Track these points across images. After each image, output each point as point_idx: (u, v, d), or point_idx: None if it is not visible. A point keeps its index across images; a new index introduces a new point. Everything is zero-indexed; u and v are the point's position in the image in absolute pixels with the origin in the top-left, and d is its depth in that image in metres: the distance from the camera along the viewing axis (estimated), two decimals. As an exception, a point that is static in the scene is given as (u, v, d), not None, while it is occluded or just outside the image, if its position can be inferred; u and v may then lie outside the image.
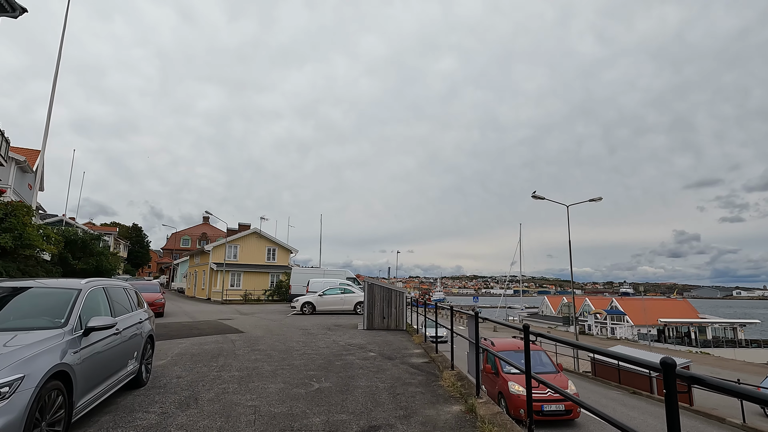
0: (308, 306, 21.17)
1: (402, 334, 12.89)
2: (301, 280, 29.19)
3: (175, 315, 19.97)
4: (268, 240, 40.99)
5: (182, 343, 10.53)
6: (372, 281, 14.52)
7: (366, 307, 14.29)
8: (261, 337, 11.69)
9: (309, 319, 18.34)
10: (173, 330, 13.69)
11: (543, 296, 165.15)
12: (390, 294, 14.45)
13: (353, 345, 10.44)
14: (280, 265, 40.32)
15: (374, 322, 14.28)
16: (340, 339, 11.59)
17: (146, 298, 19.20)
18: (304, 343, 10.57)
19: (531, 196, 21.17)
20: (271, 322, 16.90)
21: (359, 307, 21.46)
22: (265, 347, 9.85)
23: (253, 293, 36.11)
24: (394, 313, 14.42)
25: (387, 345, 10.50)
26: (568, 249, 21.57)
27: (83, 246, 18.04)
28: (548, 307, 72.56)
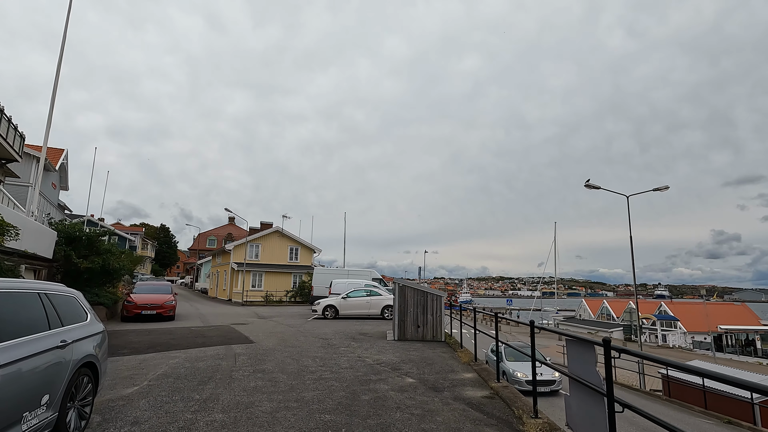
0: (330, 310, 19.12)
1: (441, 348, 10.57)
2: (323, 280, 27.24)
3: (188, 318, 18.35)
4: (290, 239, 39.42)
5: (175, 358, 8.59)
6: (404, 283, 12.27)
7: (397, 313, 12.04)
8: (271, 351, 9.63)
9: (331, 324, 16.26)
10: (175, 338, 11.87)
11: (580, 299, 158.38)
12: (425, 298, 12.15)
13: (384, 364, 8.20)
14: (302, 265, 38.65)
15: (406, 331, 12.02)
16: (366, 354, 9.38)
17: (155, 299, 17.75)
18: (321, 361, 8.42)
19: (584, 185, 18.46)
20: (287, 328, 14.91)
21: (387, 312, 19.25)
22: (273, 366, 7.75)
23: (274, 294, 34.53)
24: (430, 321, 12.10)
25: (427, 365, 8.21)
26: (629, 246, 18.66)
27: (88, 243, 16.60)
28: (586, 310, 68.16)
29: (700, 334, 44.10)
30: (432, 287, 13.29)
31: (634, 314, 23.83)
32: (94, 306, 16.26)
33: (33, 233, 12.92)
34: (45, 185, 30.08)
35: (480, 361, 8.38)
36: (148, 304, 16.42)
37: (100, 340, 4.77)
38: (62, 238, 16.09)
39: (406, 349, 10.17)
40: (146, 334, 12.77)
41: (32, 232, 12.83)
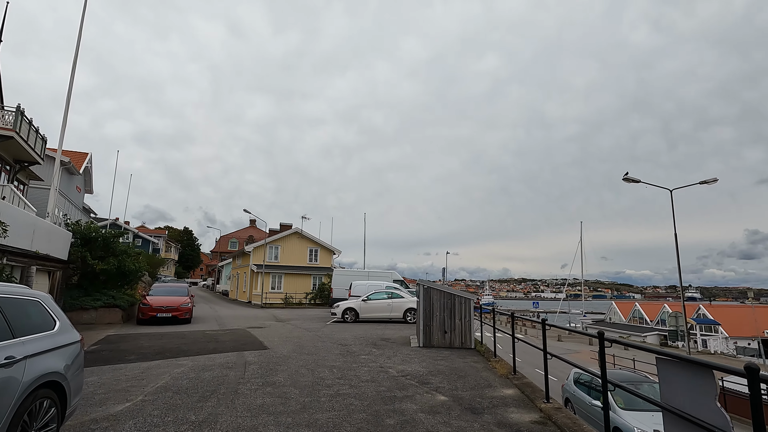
0: (350, 313, 18.26)
1: (472, 356, 9.52)
2: (343, 282, 26.45)
3: (204, 321, 17.83)
4: (310, 240, 38.89)
5: (181, 366, 7.86)
6: (429, 285, 11.27)
7: (422, 317, 11.05)
8: (285, 358, 8.80)
9: (351, 328, 15.39)
10: (187, 343, 11.21)
11: (605, 301, 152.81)
12: (453, 301, 11.12)
13: (409, 376, 7.24)
14: (322, 267, 38.04)
15: (432, 337, 11.01)
16: (389, 364, 8.44)
17: (171, 302, 17.27)
18: (339, 372, 7.52)
19: (622, 178, 17.06)
20: (305, 332, 14.11)
21: (410, 315, 18.26)
22: (285, 378, 6.90)
23: (294, 296, 34.00)
24: (458, 326, 11.05)
25: (459, 377, 7.20)
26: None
27: (104, 244, 16.27)
28: (617, 313, 65.22)
29: (744, 339, 41.19)
30: (453, 289, 12.26)
31: (681, 318, 22.06)
32: (110, 308, 15.94)
33: (45, 234, 12.56)
34: (70, 189, 30.42)
35: (520, 375, 7.30)
36: (164, 306, 15.94)
37: (72, 353, 3.99)
38: (78, 239, 15.82)
39: (433, 358, 9.17)
40: (158, 338, 12.19)
41: (44, 233, 12.48)
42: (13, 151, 19.31)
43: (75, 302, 14.93)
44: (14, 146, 18.54)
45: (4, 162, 19.67)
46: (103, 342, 11.40)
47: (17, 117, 17.84)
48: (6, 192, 12.44)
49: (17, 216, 10.53)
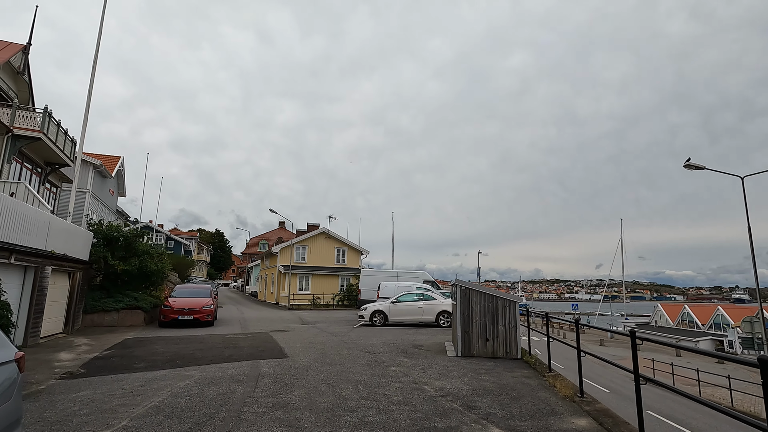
0: (379, 315, 17.10)
1: (521, 369, 8.11)
2: (371, 283, 25.36)
3: (228, 324, 17.15)
4: (337, 240, 38.11)
5: (187, 379, 6.92)
6: (467, 285, 9.92)
7: (459, 322, 9.72)
8: (304, 370, 7.72)
9: (379, 333, 14.22)
10: (203, 349, 10.37)
11: (644, 303, 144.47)
12: (494, 304, 9.72)
13: (450, 396, 5.96)
14: (350, 268, 37.16)
15: (472, 345, 9.65)
16: (425, 378, 7.18)
17: (193, 304, 16.65)
18: (366, 389, 6.34)
19: (683, 165, 15.07)
20: (330, 337, 13.05)
21: (443, 318, 16.91)
22: (301, 397, 5.78)
23: (321, 298, 33.25)
24: (501, 333, 9.65)
25: (512, 399, 5.86)
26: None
27: (126, 245, 15.85)
28: (663, 316, 60.94)
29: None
30: (495, 290, 10.86)
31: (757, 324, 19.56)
32: (132, 310, 15.48)
33: (62, 233, 12.10)
34: (103, 191, 30.87)
35: (590, 397, 5.86)
36: (185, 308, 15.32)
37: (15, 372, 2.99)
38: (100, 239, 15.45)
39: (475, 371, 7.83)
40: (175, 342, 11.45)
41: (60, 232, 12.01)
42: (42, 153, 19.37)
43: (96, 304, 14.52)
44: (43, 148, 18.55)
45: (34, 164, 19.79)
46: (118, 347, 10.75)
47: (45, 118, 17.78)
48: (20, 189, 12.08)
49: (27, 213, 10.01)
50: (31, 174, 19.70)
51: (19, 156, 18.26)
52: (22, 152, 18.35)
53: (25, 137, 17.21)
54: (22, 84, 20.46)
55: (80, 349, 10.34)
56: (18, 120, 17.13)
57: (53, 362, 8.68)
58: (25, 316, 10.33)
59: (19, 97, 20.39)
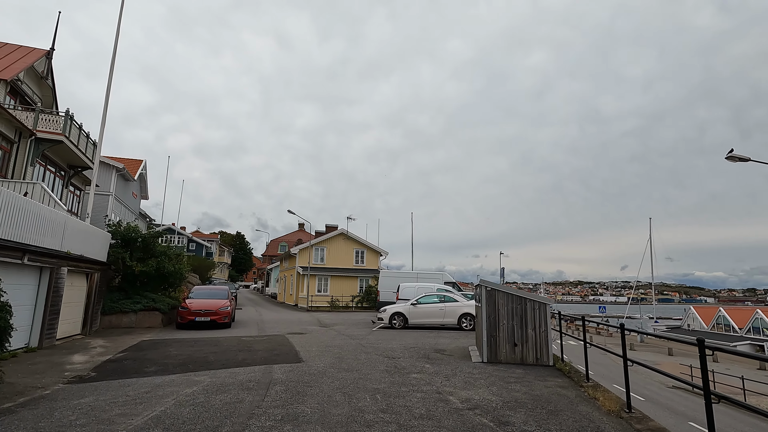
0: (398, 318, 16.52)
1: (555, 378, 7.40)
2: (390, 285, 24.81)
3: (245, 325, 16.89)
4: (355, 241, 37.72)
5: (194, 385, 6.52)
6: (493, 286, 9.25)
7: (485, 326, 9.05)
8: (319, 376, 7.22)
9: (399, 336, 13.65)
10: (216, 352, 10.03)
11: (673, 305, 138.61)
12: (523, 306, 9.02)
13: (479, 410, 5.35)
14: (369, 269, 36.70)
15: (499, 351, 8.97)
16: (449, 387, 6.58)
17: (209, 305, 16.43)
18: (385, 399, 5.78)
19: (725, 157, 13.98)
20: (348, 340, 12.56)
21: (465, 321, 16.20)
22: (313, 408, 5.28)
23: (340, 299, 32.89)
24: (531, 337, 8.93)
25: (549, 414, 5.20)
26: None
27: (144, 246, 15.78)
28: (696, 319, 58.11)
29: None
30: (524, 291, 10.12)
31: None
32: (150, 312, 15.37)
33: (78, 234, 12.02)
34: (126, 194, 31.35)
35: (640, 413, 5.14)
36: (202, 310, 15.12)
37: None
38: (118, 240, 15.42)
39: (504, 380, 7.17)
40: (190, 345, 11.17)
41: (77, 233, 11.93)
42: (65, 156, 19.64)
43: (114, 305, 14.46)
44: (65, 151, 18.78)
45: (58, 167, 20.09)
46: (132, 349, 10.52)
47: (66, 122, 17.97)
48: (36, 189, 12.07)
49: (42, 213, 9.89)
50: (55, 177, 19.99)
51: (43, 159, 18.54)
52: (46, 155, 18.62)
53: (47, 140, 17.43)
54: (46, 89, 20.84)
55: (95, 351, 10.16)
56: (41, 123, 17.35)
57: (65, 365, 8.47)
58: (40, 318, 10.22)
59: (43, 101, 20.78)
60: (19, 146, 16.75)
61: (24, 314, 9.78)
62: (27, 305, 9.93)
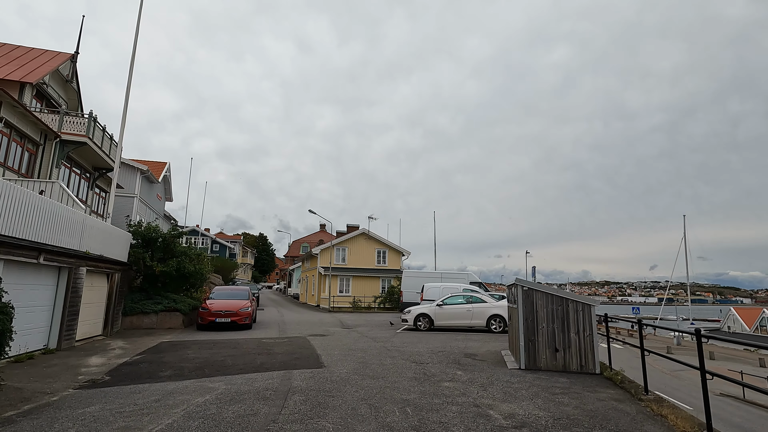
0: (424, 319, 15.80)
1: (606, 388, 6.56)
2: (413, 285, 24.06)
3: (266, 327, 16.52)
4: (377, 241, 37.15)
5: (208, 393, 6.01)
6: (530, 286, 8.43)
7: (522, 329, 8.25)
8: (342, 384, 6.61)
9: (425, 338, 12.94)
10: (234, 355, 9.58)
11: (707, 306, 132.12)
12: (564, 308, 8.18)
13: (526, 430, 4.61)
14: (391, 269, 36.05)
15: (538, 356, 8.15)
16: (487, 399, 5.84)
17: (230, 306, 16.08)
18: (416, 413, 5.11)
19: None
20: (372, 343, 11.93)
21: (494, 323, 15.34)
22: (335, 422, 4.66)
23: (362, 300, 32.36)
24: (574, 342, 8.07)
25: (610, 435, 4.41)
26: None
27: (164, 246, 15.61)
28: (737, 321, 54.86)
29: None
30: (565, 291, 9.25)
31: None
32: (171, 313, 15.17)
33: (98, 234, 11.84)
34: (150, 196, 31.73)
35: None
36: (222, 311, 14.80)
37: None
38: (139, 240, 15.30)
39: (548, 390, 6.38)
40: (209, 347, 10.79)
41: (96, 233, 11.75)
42: (89, 158, 19.82)
43: (135, 306, 14.31)
44: (89, 153, 18.93)
45: (83, 169, 20.30)
46: (150, 351, 10.21)
47: (90, 123, 18.07)
48: (54, 188, 11.97)
49: (59, 212, 9.68)
50: (80, 179, 20.21)
51: (68, 161, 18.72)
52: (71, 157, 18.80)
53: (72, 142, 17.56)
54: (71, 92, 21.12)
55: (113, 353, 9.88)
56: (65, 125, 17.48)
57: (80, 368, 8.16)
58: (59, 319, 10.02)
59: (69, 104, 21.05)
60: (44, 148, 16.90)
61: (42, 315, 9.59)
62: (45, 306, 9.73)
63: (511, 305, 9.53)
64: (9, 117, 14.49)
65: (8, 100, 14.31)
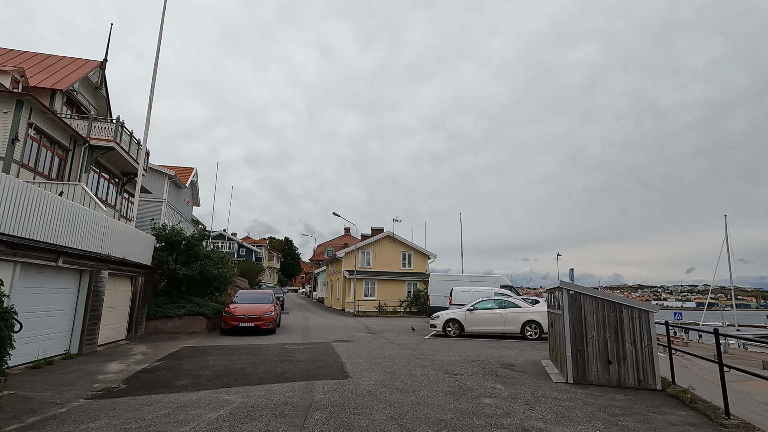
0: (453, 325, 14.96)
1: (672, 408, 5.62)
2: (441, 289, 23.21)
3: (290, 331, 16.09)
4: (402, 244, 36.41)
5: (222, 407, 5.48)
6: (578, 289, 7.55)
7: (569, 338, 7.36)
8: (368, 398, 5.95)
9: (456, 346, 12.12)
10: (255, 363, 9.09)
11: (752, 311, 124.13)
12: (618, 314, 7.25)
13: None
14: (416, 273, 35.21)
15: (588, 369, 7.24)
16: (537, 422, 5.04)
17: (253, 310, 15.71)
18: (455, 437, 4.38)
19: None
20: (399, 350, 11.23)
21: (529, 329, 14.36)
22: (363, 449, 3.99)
23: (388, 304, 31.66)
24: (630, 353, 7.12)
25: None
26: None
27: (188, 249, 15.45)
28: (790, 327, 50.80)
29: None
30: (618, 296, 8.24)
31: None
32: (195, 317, 14.95)
33: (120, 236, 11.68)
34: (178, 201, 32.15)
35: None
36: (245, 315, 14.45)
37: None
38: (163, 243, 15.19)
39: (605, 410, 5.51)
40: (230, 353, 10.37)
41: (118, 235, 11.59)
42: (118, 163, 20.06)
43: (159, 310, 14.14)
44: (117, 157, 19.14)
45: (111, 174, 20.59)
46: (170, 357, 9.86)
47: (117, 128, 18.25)
48: (76, 190, 11.91)
49: (79, 213, 9.50)
50: (109, 183, 20.49)
51: (97, 166, 18.98)
52: (100, 162, 19.06)
53: (100, 147, 17.75)
54: (100, 99, 21.52)
55: (133, 359, 9.58)
56: (94, 131, 17.70)
57: (98, 375, 7.84)
58: (80, 323, 9.83)
59: (98, 111, 21.44)
60: (74, 153, 17.14)
61: (62, 320, 9.40)
62: (66, 310, 9.55)
63: (554, 311, 8.63)
64: (39, 123, 14.70)
65: (37, 105, 14.52)
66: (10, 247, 7.24)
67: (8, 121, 13.85)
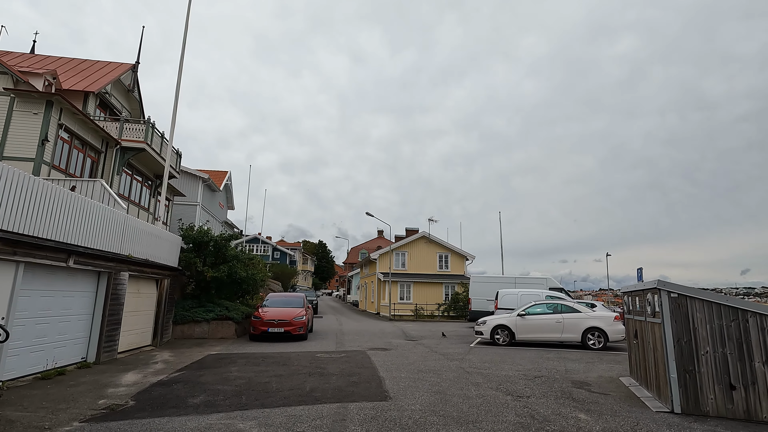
0: (502, 332, 13.33)
1: None
2: (483, 292, 21.49)
3: (323, 337, 15.01)
4: (438, 245, 34.83)
5: (233, 441, 4.31)
6: (682, 291, 5.88)
7: (673, 355, 5.71)
8: (418, 429, 4.60)
9: (509, 357, 10.54)
10: (281, 376, 7.96)
11: None
12: (743, 324, 5.52)
13: None
14: (454, 275, 33.49)
15: (702, 396, 5.56)
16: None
17: (284, 315, 14.63)
18: None
19: None
20: (444, 361, 9.80)
21: (592, 337, 12.52)
22: None
23: (425, 308, 30.15)
24: (761, 374, 5.39)
25: None
26: None
27: (215, 250, 14.72)
28: None
29: None
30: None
31: None
32: (223, 321, 14.15)
33: (142, 236, 10.99)
34: (212, 204, 32.13)
35: None
36: (275, 320, 13.48)
37: None
38: (190, 244, 14.54)
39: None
40: (255, 363, 9.33)
41: (141, 235, 10.89)
42: (150, 165, 19.86)
43: (186, 314, 13.43)
44: (148, 159, 18.90)
45: (144, 176, 20.43)
46: (192, 367, 8.94)
47: (148, 129, 17.97)
48: (96, 187, 11.32)
49: (93, 210, 8.77)
50: (142, 186, 20.33)
51: (129, 168, 18.80)
52: (132, 165, 18.88)
53: (131, 149, 17.49)
54: (133, 101, 21.49)
55: (153, 369, 8.73)
56: (125, 133, 17.47)
57: (108, 388, 6.95)
58: (98, 329, 9.10)
59: (131, 113, 21.42)
60: (106, 155, 16.94)
61: (78, 325, 8.67)
62: (83, 315, 8.83)
63: (640, 318, 6.95)
64: (69, 124, 14.46)
65: (67, 107, 14.27)
66: (10, 245, 6.48)
67: (38, 122, 13.64)
